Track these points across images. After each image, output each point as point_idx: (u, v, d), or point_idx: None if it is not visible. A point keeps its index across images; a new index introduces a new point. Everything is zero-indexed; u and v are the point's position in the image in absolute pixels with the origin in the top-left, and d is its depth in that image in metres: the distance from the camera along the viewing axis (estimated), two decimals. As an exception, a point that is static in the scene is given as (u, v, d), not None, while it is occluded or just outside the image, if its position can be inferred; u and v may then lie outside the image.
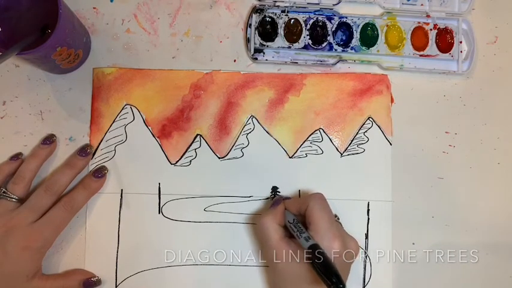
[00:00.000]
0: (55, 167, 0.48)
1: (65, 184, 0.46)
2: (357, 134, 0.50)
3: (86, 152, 0.48)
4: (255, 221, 0.48)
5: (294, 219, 0.42)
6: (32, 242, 0.43)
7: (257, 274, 0.48)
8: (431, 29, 0.51)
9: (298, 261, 0.39)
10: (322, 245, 0.38)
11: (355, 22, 0.51)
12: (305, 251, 0.38)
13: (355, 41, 0.51)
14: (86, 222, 0.48)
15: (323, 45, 0.51)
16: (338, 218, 0.47)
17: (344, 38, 0.51)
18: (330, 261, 0.36)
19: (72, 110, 0.49)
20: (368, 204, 0.49)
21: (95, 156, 0.49)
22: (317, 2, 0.51)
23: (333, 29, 0.51)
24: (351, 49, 0.51)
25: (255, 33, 0.50)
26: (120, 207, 0.48)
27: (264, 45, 0.50)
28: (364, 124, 0.50)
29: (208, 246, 0.48)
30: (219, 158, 0.49)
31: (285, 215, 0.43)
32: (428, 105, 0.51)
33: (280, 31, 0.50)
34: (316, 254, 0.37)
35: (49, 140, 0.48)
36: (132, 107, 0.50)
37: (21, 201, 0.45)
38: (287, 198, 0.47)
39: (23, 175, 0.46)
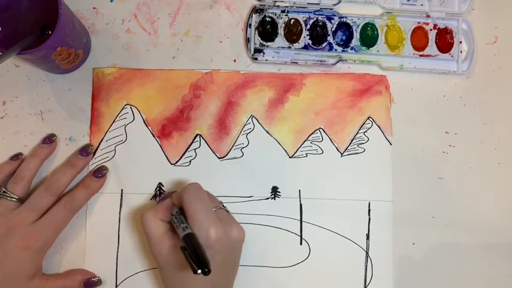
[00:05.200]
0: (55, 166, 0.48)
1: (65, 184, 0.46)
2: (357, 133, 0.50)
3: (86, 151, 0.48)
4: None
5: (176, 212, 0.41)
6: (32, 242, 0.43)
7: (257, 274, 0.48)
8: (431, 29, 0.51)
9: (176, 252, 0.39)
10: (200, 234, 0.38)
11: (355, 22, 0.51)
12: (181, 240, 0.38)
13: (355, 41, 0.51)
14: (86, 222, 0.48)
15: (323, 45, 0.51)
16: (223, 205, 0.45)
17: (344, 38, 0.51)
18: (198, 248, 0.36)
19: (72, 110, 0.49)
20: (369, 204, 0.49)
21: (95, 156, 0.49)
22: (317, 2, 0.51)
23: (333, 29, 0.51)
24: (351, 49, 0.51)
25: (255, 33, 0.50)
26: (120, 207, 0.48)
27: (264, 45, 0.50)
28: (364, 124, 0.50)
29: (208, 246, 0.48)
30: (219, 158, 0.49)
31: (171, 210, 0.43)
32: (428, 105, 0.51)
33: (280, 31, 0.50)
34: (188, 242, 0.36)
35: (49, 140, 0.48)
36: (132, 107, 0.50)
37: (22, 200, 0.45)
38: (175, 192, 0.46)
39: (22, 174, 0.46)
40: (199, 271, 0.34)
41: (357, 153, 0.50)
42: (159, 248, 0.40)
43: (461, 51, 0.52)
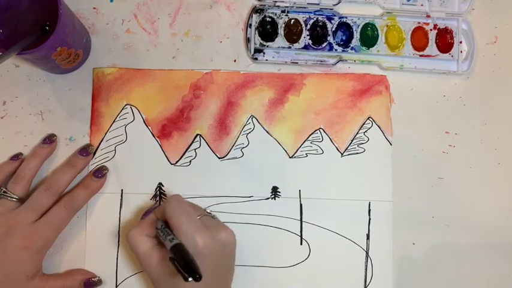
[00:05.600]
0: (55, 167, 0.48)
1: (65, 184, 0.46)
2: (357, 133, 0.50)
3: (86, 151, 0.48)
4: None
5: (161, 225, 0.41)
6: (32, 242, 0.43)
7: (257, 274, 0.48)
8: (431, 29, 0.51)
9: (167, 264, 0.39)
10: (187, 243, 0.38)
11: (355, 22, 0.51)
12: (169, 252, 0.38)
13: (355, 41, 0.51)
14: (86, 222, 0.48)
15: (323, 45, 0.51)
16: (207, 211, 0.45)
17: (344, 38, 0.51)
18: (187, 256, 0.36)
19: (72, 110, 0.49)
20: (369, 204, 0.49)
21: (95, 156, 0.49)
22: (317, 2, 0.51)
23: (333, 29, 0.51)
24: (351, 49, 0.51)
25: (255, 33, 0.50)
26: (120, 207, 0.48)
27: (264, 45, 0.50)
28: (364, 124, 0.50)
29: (208, 246, 0.48)
30: (219, 158, 0.49)
31: (155, 224, 0.42)
32: (428, 105, 0.51)
33: (280, 31, 0.50)
34: (176, 252, 0.36)
35: (49, 140, 0.48)
36: (132, 107, 0.50)
37: (22, 200, 0.45)
38: (158, 206, 0.46)
39: (22, 174, 0.46)
40: (190, 278, 0.34)
41: (357, 153, 0.50)
42: (149, 263, 0.40)
43: (461, 51, 0.52)
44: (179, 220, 0.40)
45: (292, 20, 0.51)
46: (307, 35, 0.51)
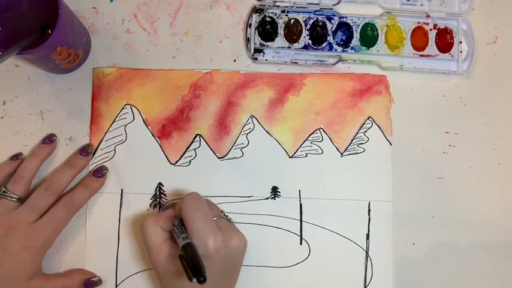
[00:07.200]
0: (55, 167, 0.48)
1: (65, 183, 0.46)
2: (357, 133, 0.50)
3: (86, 151, 0.48)
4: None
5: (178, 223, 0.41)
6: (32, 242, 0.43)
7: (257, 274, 0.48)
8: (431, 29, 0.51)
9: (174, 261, 0.39)
10: (198, 243, 0.38)
11: (355, 22, 0.51)
12: (180, 249, 0.38)
13: (355, 41, 0.51)
14: (86, 222, 0.48)
15: (323, 45, 0.51)
16: (224, 214, 0.45)
17: (344, 38, 0.51)
18: (195, 256, 0.36)
19: (72, 110, 0.49)
20: (369, 204, 0.49)
21: (95, 156, 0.49)
22: (317, 2, 0.51)
23: (333, 29, 0.51)
24: (351, 49, 0.51)
25: (255, 33, 0.50)
26: (120, 207, 0.48)
27: (264, 45, 0.50)
28: (364, 124, 0.50)
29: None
30: (219, 157, 0.49)
31: (171, 219, 0.42)
32: (428, 105, 0.51)
33: (280, 31, 0.51)
34: (186, 251, 0.36)
35: (49, 140, 0.48)
36: (132, 107, 0.50)
37: (21, 200, 0.45)
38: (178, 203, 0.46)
39: (22, 174, 0.46)
40: (194, 280, 0.34)
41: (357, 153, 0.50)
42: (158, 256, 0.40)
43: (461, 51, 0.52)
44: (193, 217, 0.39)
45: (292, 20, 0.51)
46: (307, 35, 0.51)
